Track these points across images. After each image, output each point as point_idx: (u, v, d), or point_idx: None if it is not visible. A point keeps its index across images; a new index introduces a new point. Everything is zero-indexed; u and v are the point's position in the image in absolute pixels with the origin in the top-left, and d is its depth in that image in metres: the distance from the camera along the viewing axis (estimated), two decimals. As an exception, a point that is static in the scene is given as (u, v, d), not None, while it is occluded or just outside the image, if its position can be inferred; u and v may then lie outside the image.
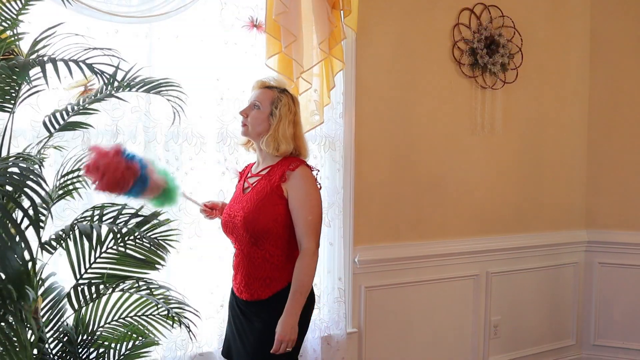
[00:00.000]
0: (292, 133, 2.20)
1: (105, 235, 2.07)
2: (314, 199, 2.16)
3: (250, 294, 2.17)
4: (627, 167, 3.85)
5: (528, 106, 3.74)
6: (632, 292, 3.82)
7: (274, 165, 2.20)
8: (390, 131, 3.27)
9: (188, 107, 2.57)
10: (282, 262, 2.15)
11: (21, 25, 1.93)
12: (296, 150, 2.22)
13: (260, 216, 2.12)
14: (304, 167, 2.17)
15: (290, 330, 2.06)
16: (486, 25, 3.52)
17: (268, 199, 2.13)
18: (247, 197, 2.20)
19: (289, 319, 2.07)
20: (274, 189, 2.14)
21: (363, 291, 3.20)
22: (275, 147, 2.16)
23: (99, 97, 1.94)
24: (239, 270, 2.21)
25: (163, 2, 2.53)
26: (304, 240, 2.12)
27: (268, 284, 2.15)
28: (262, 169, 2.23)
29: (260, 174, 2.23)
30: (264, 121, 2.18)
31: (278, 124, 2.17)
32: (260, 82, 2.28)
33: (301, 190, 2.13)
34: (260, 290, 2.15)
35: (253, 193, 2.19)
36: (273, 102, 2.19)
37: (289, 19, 2.71)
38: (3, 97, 1.76)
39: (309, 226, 2.12)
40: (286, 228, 2.15)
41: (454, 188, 3.50)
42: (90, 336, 2.09)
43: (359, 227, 3.17)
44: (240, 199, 2.23)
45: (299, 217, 2.12)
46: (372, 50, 3.19)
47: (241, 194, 2.25)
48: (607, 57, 3.89)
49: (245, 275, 2.17)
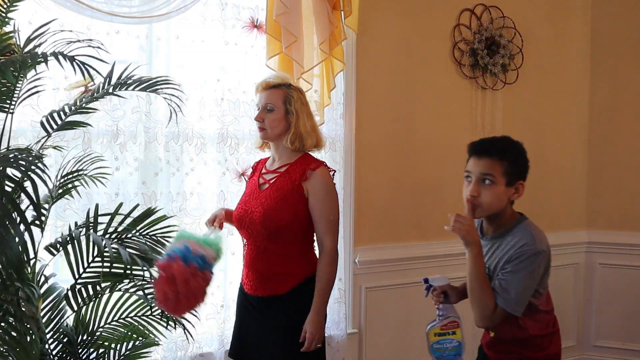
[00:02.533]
0: (312, 125, 2.25)
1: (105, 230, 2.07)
2: (335, 199, 2.22)
3: (265, 290, 2.18)
4: (628, 167, 3.84)
5: (528, 107, 3.73)
6: (632, 293, 3.81)
7: (292, 163, 2.22)
8: (391, 132, 3.27)
9: (188, 107, 2.60)
10: (299, 257, 2.19)
11: (21, 26, 1.94)
12: (317, 141, 2.26)
13: (281, 213, 2.14)
14: (324, 168, 2.21)
15: (319, 327, 2.14)
16: (487, 26, 3.52)
17: (289, 196, 2.16)
18: (265, 193, 2.20)
19: (316, 316, 2.14)
20: (295, 187, 2.16)
21: (363, 292, 3.20)
22: (302, 143, 2.21)
23: (96, 95, 1.94)
24: (253, 267, 2.20)
25: (164, 3, 2.54)
26: (325, 239, 2.17)
27: (284, 279, 2.17)
28: (280, 166, 2.24)
29: (278, 171, 2.23)
30: (282, 121, 2.20)
31: (298, 121, 2.20)
32: (265, 82, 2.26)
33: (323, 191, 2.18)
34: (277, 286, 2.17)
35: (272, 190, 2.20)
36: (285, 101, 2.21)
37: (289, 19, 2.71)
38: (1, 97, 1.76)
39: (331, 225, 2.18)
40: (304, 225, 2.18)
41: (455, 188, 3.49)
42: (90, 336, 2.08)
43: (359, 228, 3.17)
44: (257, 194, 2.23)
45: (321, 216, 2.17)
46: (372, 51, 3.19)
47: (257, 189, 2.24)
48: (607, 58, 3.89)
49: (260, 272, 2.18)
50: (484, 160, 1.86)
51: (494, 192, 1.85)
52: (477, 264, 1.84)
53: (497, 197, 1.85)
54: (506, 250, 1.87)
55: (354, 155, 3.12)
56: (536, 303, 1.92)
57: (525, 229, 1.89)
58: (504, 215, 1.92)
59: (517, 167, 1.88)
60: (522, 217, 1.95)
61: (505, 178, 1.85)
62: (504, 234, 1.91)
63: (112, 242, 2.08)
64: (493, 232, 1.94)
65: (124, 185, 2.54)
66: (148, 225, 2.14)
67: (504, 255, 1.86)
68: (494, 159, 1.85)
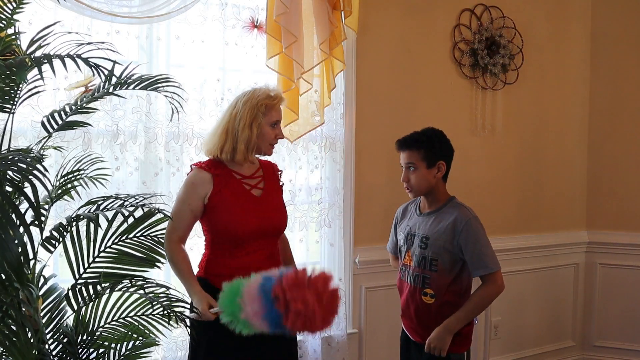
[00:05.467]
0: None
1: (106, 230, 2.07)
2: None
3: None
4: (628, 167, 3.84)
5: (529, 107, 3.74)
6: (632, 293, 3.81)
7: (259, 166, 2.28)
8: (391, 132, 3.23)
9: (188, 107, 2.60)
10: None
11: (22, 26, 1.93)
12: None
13: (286, 214, 2.30)
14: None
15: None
16: (487, 26, 3.52)
17: (281, 197, 2.31)
18: (270, 199, 2.23)
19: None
20: (279, 186, 2.32)
21: (363, 292, 3.21)
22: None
23: (96, 95, 1.94)
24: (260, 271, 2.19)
25: (164, 3, 2.54)
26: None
27: None
28: (256, 170, 2.26)
29: (257, 175, 2.24)
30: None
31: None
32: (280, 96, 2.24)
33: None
34: None
35: (271, 193, 2.24)
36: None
37: (289, 19, 2.71)
38: (2, 97, 1.76)
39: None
40: None
41: (454, 189, 3.49)
42: (90, 336, 2.08)
43: (360, 228, 3.17)
44: (259, 200, 2.19)
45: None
46: (372, 51, 3.19)
47: (251, 196, 2.19)
48: (607, 58, 3.89)
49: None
50: (406, 153, 2.29)
51: (419, 175, 2.27)
52: (462, 320, 2.23)
53: (423, 178, 2.27)
54: (446, 223, 2.26)
55: (354, 155, 3.12)
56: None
57: (455, 205, 2.31)
58: (437, 192, 2.32)
59: (432, 151, 2.26)
60: (452, 197, 2.36)
61: (425, 162, 2.26)
62: (437, 210, 2.32)
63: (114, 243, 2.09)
64: (428, 208, 2.35)
65: (124, 185, 2.54)
66: (149, 226, 2.14)
67: (447, 226, 2.25)
68: (412, 150, 2.27)
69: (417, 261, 2.31)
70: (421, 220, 2.35)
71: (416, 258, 2.31)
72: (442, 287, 2.25)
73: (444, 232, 2.25)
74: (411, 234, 2.36)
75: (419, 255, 2.30)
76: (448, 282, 2.25)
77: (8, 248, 1.32)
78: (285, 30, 2.71)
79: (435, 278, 2.26)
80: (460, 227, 2.22)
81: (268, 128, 2.17)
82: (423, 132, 2.31)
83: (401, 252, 2.43)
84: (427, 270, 2.28)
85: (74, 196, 2.15)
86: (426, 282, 2.28)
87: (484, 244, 2.22)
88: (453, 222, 2.24)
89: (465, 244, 2.21)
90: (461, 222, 2.22)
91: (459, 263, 2.25)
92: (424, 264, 2.28)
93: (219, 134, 2.17)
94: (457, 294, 2.27)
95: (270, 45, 2.74)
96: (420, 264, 2.30)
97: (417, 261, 2.31)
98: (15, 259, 1.34)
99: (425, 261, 2.28)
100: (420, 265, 2.29)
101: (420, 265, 2.29)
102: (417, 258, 2.31)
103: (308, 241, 3.03)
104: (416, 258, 2.31)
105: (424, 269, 2.28)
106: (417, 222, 2.36)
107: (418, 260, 2.30)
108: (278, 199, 2.27)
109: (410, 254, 2.35)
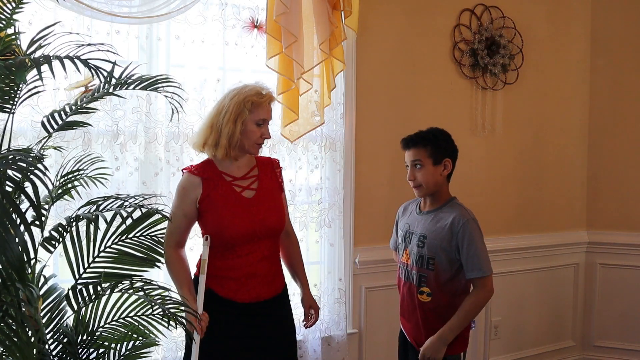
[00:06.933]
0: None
1: (106, 230, 2.07)
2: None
3: (270, 292, 2.21)
4: (628, 167, 3.84)
5: (529, 107, 3.74)
6: (632, 293, 3.81)
7: (255, 164, 2.26)
8: (391, 132, 3.26)
9: (188, 107, 2.60)
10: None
11: (21, 26, 1.93)
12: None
13: (284, 213, 2.27)
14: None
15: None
16: (487, 26, 3.52)
17: (279, 195, 2.27)
18: (264, 199, 2.19)
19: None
20: (278, 184, 2.28)
21: (363, 292, 3.21)
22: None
23: (96, 95, 1.94)
24: (257, 274, 2.17)
25: (164, 3, 2.54)
26: (290, 227, 2.40)
27: (279, 276, 2.28)
28: (249, 170, 2.22)
29: (250, 175, 2.22)
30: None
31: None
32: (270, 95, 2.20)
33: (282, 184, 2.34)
34: (278, 284, 2.26)
35: (266, 193, 2.20)
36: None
37: (289, 19, 2.71)
38: (2, 97, 1.76)
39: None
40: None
41: (454, 188, 3.49)
42: (90, 336, 2.08)
43: (359, 228, 3.17)
44: (250, 202, 2.16)
45: (286, 207, 2.35)
46: (372, 51, 3.19)
47: (242, 198, 2.16)
48: (607, 58, 3.89)
49: (265, 276, 2.19)
50: (412, 150, 2.30)
51: (426, 172, 2.27)
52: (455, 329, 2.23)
53: (430, 175, 2.28)
54: (445, 222, 2.26)
55: (353, 155, 3.12)
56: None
57: (454, 205, 2.32)
58: (441, 192, 2.33)
59: (439, 148, 2.28)
60: (453, 197, 2.36)
61: (431, 159, 2.27)
62: (436, 209, 2.33)
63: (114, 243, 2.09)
64: (429, 207, 2.36)
65: (124, 185, 2.54)
66: (149, 225, 2.15)
67: (444, 226, 2.25)
68: (419, 147, 2.28)
69: (414, 259, 2.32)
70: (420, 219, 2.36)
71: (414, 256, 2.32)
72: (438, 286, 2.26)
73: (442, 231, 2.25)
74: (409, 232, 2.37)
75: (416, 254, 2.31)
76: (444, 281, 2.26)
77: (9, 247, 1.33)
78: (285, 30, 2.71)
79: (432, 277, 2.26)
80: (458, 228, 2.23)
81: (253, 126, 2.12)
82: (429, 131, 2.32)
83: (399, 249, 2.44)
84: (424, 268, 2.28)
85: (74, 196, 2.16)
86: (423, 280, 2.29)
87: (479, 247, 2.23)
88: (451, 222, 2.24)
89: (462, 244, 2.22)
90: (459, 222, 2.23)
91: (455, 263, 2.25)
92: (421, 262, 2.29)
93: (204, 128, 2.16)
94: (453, 294, 2.27)
95: (270, 45, 2.75)
96: (417, 262, 2.30)
97: (415, 259, 2.31)
98: (16, 258, 1.34)
99: (423, 260, 2.29)
100: (418, 263, 2.30)
101: (418, 263, 2.30)
102: (415, 256, 2.32)
103: (308, 241, 3.03)
104: (414, 256, 2.32)
105: (421, 267, 2.29)
106: (415, 220, 2.38)
107: (415, 259, 2.31)
108: (274, 198, 2.22)
109: (408, 252, 2.36)
